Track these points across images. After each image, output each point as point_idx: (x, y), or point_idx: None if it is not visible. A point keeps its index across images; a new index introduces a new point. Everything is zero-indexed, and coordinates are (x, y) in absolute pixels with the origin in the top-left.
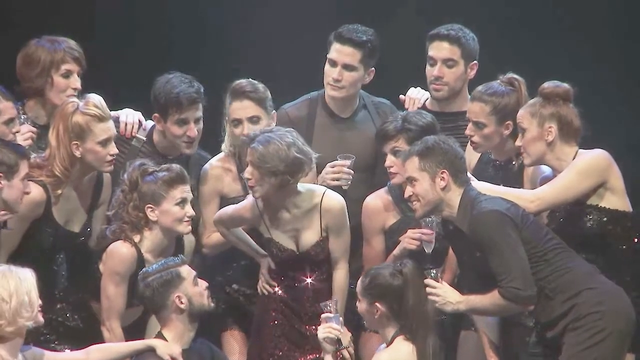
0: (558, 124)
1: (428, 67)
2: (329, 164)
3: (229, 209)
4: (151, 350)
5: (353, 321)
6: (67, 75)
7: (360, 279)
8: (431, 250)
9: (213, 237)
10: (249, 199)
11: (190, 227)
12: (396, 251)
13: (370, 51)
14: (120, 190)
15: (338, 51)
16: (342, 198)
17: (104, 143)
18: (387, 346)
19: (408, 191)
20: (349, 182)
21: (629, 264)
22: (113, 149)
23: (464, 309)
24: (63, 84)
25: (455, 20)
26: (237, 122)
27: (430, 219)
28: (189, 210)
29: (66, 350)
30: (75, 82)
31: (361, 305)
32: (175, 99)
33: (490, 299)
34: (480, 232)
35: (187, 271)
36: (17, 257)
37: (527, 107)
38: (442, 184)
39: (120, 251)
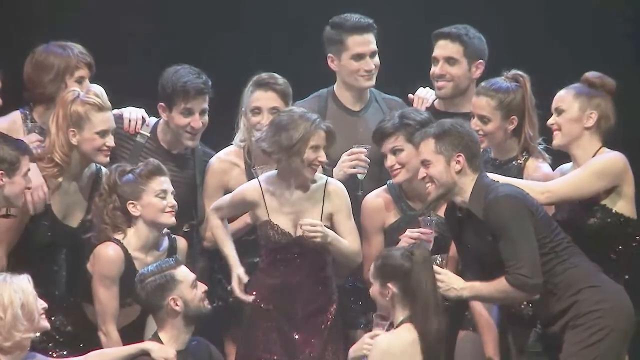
0: (599, 113)
1: (432, 67)
2: (345, 152)
3: (229, 195)
4: (146, 354)
5: (349, 319)
6: (80, 81)
7: (372, 263)
8: (429, 249)
9: None
10: (252, 181)
11: (173, 218)
12: None
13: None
14: (98, 195)
15: (363, 43)
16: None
17: (102, 134)
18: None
19: (421, 173)
20: (366, 171)
21: (620, 269)
22: (110, 141)
23: (467, 295)
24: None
25: (464, 20)
26: (258, 110)
27: (428, 217)
28: (170, 200)
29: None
30: (87, 87)
31: (373, 289)
32: (182, 88)
33: (495, 285)
34: (495, 217)
35: (183, 274)
36: (17, 256)
37: (570, 89)
38: (458, 168)
39: (107, 253)
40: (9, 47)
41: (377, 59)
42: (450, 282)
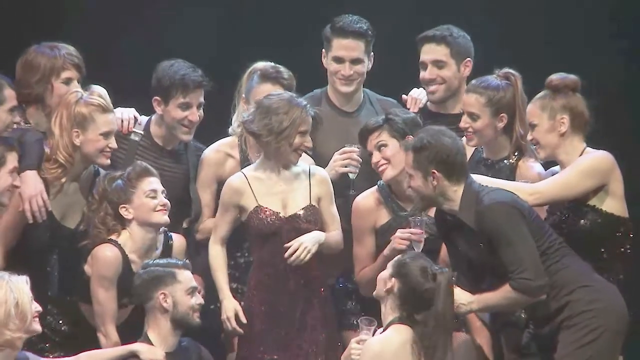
0: (570, 115)
1: (421, 72)
2: (337, 151)
3: (219, 207)
4: (134, 355)
5: (343, 320)
6: (67, 82)
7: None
8: (420, 250)
9: (207, 223)
10: (236, 174)
11: (166, 217)
12: (386, 251)
13: (372, 38)
14: (87, 205)
15: (344, 47)
16: None
17: (106, 135)
18: (383, 330)
19: (406, 183)
20: (357, 171)
21: (614, 268)
22: (113, 143)
23: (476, 308)
24: (63, 90)
25: (454, 20)
26: None
27: (419, 218)
28: (161, 199)
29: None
30: (75, 88)
31: (384, 272)
32: (180, 81)
33: (501, 293)
34: (490, 224)
35: (185, 277)
36: (12, 257)
37: (535, 101)
38: (434, 183)
39: (105, 254)
40: (8, 46)
41: (360, 67)
42: (458, 298)
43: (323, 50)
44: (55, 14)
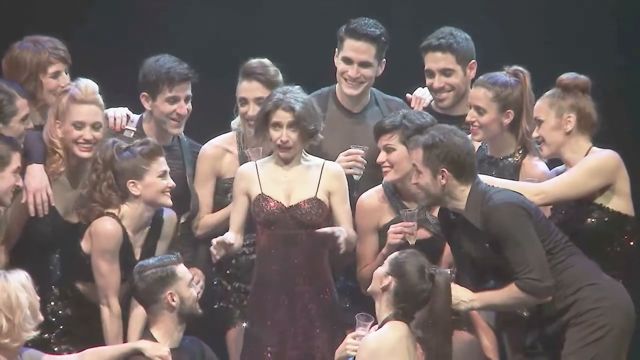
0: (577, 115)
1: (427, 79)
2: (342, 152)
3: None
4: (139, 353)
5: (344, 318)
6: (55, 76)
7: (399, 251)
8: (414, 242)
9: (205, 218)
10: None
11: (170, 200)
12: (384, 250)
13: (384, 44)
14: (92, 170)
15: (354, 49)
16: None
17: (78, 125)
18: (379, 327)
19: (414, 178)
20: (362, 172)
21: (620, 267)
22: (87, 134)
23: (478, 306)
24: (53, 84)
25: (455, 20)
26: (244, 101)
27: (409, 211)
28: (170, 181)
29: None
30: (64, 80)
31: (380, 269)
32: (166, 75)
33: (506, 292)
34: (496, 225)
35: (183, 272)
36: (14, 255)
37: (544, 98)
38: (443, 182)
39: (105, 228)
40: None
41: (368, 70)
42: (459, 295)
43: (336, 49)
44: (55, 13)
